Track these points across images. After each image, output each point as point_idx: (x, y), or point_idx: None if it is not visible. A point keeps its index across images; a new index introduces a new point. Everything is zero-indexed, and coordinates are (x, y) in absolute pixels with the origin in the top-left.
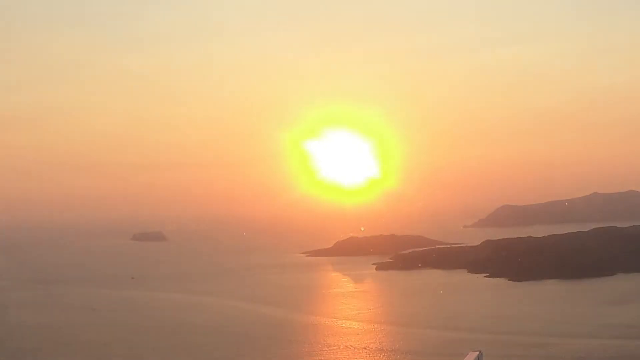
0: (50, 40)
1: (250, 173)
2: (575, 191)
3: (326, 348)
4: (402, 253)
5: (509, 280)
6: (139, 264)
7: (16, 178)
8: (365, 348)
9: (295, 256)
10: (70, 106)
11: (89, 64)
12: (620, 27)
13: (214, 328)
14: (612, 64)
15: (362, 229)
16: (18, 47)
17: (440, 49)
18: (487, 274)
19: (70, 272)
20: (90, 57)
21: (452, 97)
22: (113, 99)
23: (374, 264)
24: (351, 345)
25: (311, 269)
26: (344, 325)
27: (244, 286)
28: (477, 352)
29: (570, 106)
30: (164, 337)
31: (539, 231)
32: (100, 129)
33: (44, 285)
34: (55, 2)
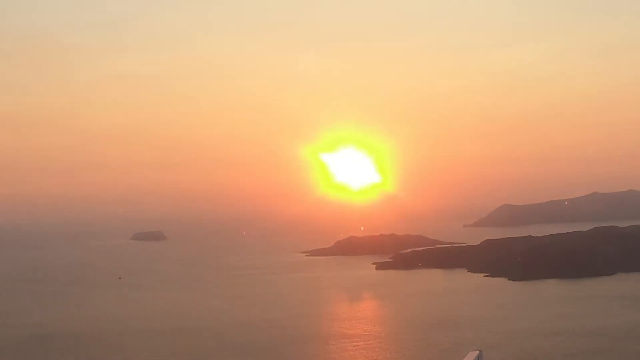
0: (52, 41)
1: (272, 178)
2: (575, 191)
3: (323, 349)
4: (402, 252)
5: (508, 279)
6: (133, 263)
7: (16, 178)
8: (363, 348)
9: (294, 256)
10: (71, 106)
11: (90, 64)
12: (621, 27)
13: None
14: (613, 64)
15: (362, 228)
16: (19, 47)
17: (439, 49)
18: (487, 274)
19: (54, 271)
20: (91, 57)
21: (453, 97)
22: (115, 99)
23: (373, 263)
24: (349, 346)
25: (310, 268)
26: (342, 325)
27: (234, 286)
28: (477, 352)
29: (570, 106)
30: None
31: (539, 231)
32: (101, 128)
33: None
34: (57, 3)
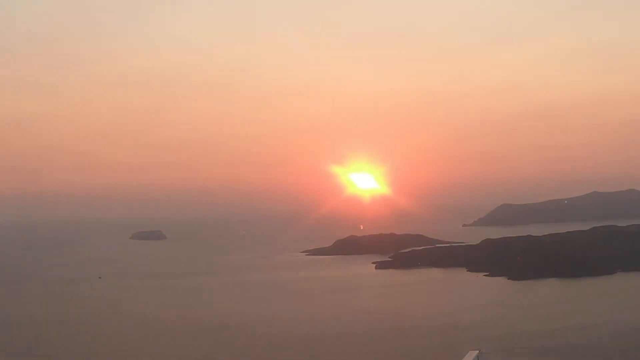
0: (52, 40)
1: (275, 179)
2: (575, 190)
3: (321, 350)
4: (401, 252)
5: (508, 279)
6: (125, 262)
7: (16, 177)
8: (362, 348)
9: (294, 255)
10: (71, 106)
11: (91, 63)
12: (622, 27)
13: None
14: (613, 64)
15: (361, 227)
16: (20, 46)
17: (438, 48)
18: (487, 273)
19: (47, 271)
20: (92, 56)
21: (452, 96)
22: (117, 98)
23: (373, 262)
24: (348, 346)
25: (309, 267)
26: (340, 325)
27: (231, 285)
28: (477, 352)
29: (570, 105)
30: None
31: (539, 230)
32: (101, 128)
33: None
34: (58, 2)
